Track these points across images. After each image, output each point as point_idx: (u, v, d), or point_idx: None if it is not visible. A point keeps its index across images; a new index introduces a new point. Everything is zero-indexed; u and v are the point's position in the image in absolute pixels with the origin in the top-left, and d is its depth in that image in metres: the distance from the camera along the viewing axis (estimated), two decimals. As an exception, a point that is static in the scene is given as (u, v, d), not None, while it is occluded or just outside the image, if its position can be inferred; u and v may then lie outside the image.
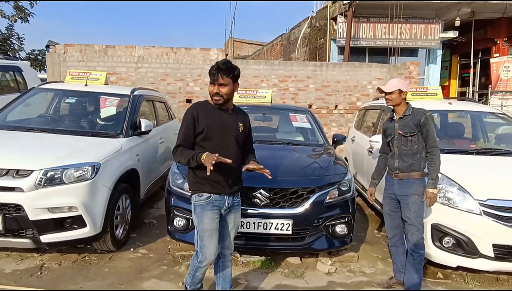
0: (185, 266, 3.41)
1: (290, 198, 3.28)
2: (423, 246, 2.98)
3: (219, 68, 2.39)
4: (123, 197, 3.79)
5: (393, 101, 3.05)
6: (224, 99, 2.44)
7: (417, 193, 2.95)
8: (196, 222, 2.47)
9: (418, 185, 2.97)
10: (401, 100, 3.04)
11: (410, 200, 2.97)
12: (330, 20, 12.76)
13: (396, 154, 3.06)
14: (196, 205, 2.47)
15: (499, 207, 3.03)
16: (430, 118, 2.98)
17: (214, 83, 2.42)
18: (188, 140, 2.44)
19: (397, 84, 3.01)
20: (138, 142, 4.25)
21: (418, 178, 2.98)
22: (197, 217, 2.47)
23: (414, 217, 2.95)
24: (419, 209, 2.96)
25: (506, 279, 3.42)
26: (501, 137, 4.63)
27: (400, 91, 3.00)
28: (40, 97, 4.77)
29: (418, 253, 2.97)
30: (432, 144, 2.95)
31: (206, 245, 2.45)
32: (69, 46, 8.33)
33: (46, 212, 3.07)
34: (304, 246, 3.33)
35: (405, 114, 3.05)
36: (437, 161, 2.93)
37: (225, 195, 2.50)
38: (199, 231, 2.47)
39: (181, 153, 2.41)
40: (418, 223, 2.95)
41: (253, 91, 5.44)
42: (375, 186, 3.34)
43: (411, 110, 3.05)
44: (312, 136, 4.75)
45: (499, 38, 13.12)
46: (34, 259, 3.44)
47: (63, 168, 3.14)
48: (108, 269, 3.34)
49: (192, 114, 2.44)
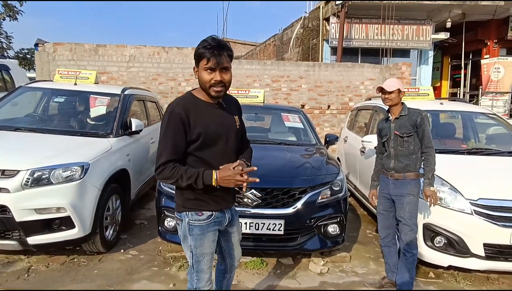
0: (176, 267, 3.37)
1: (282, 198, 3.25)
2: (416, 246, 2.98)
3: (221, 46, 1.79)
4: (113, 197, 3.73)
5: (392, 101, 3.02)
6: (226, 90, 1.91)
7: (412, 193, 2.95)
8: (192, 245, 1.93)
9: (414, 186, 2.97)
10: (399, 100, 3.04)
11: (405, 200, 2.96)
12: (322, 20, 12.77)
13: (392, 155, 3.05)
14: (194, 226, 1.91)
15: (490, 206, 3.05)
16: (426, 118, 2.99)
17: (214, 69, 1.80)
18: (179, 152, 1.83)
19: (396, 84, 3.01)
20: (128, 142, 4.19)
21: (414, 179, 2.98)
22: (194, 240, 1.92)
23: (409, 217, 2.94)
24: (414, 209, 2.96)
25: (497, 278, 3.43)
26: (491, 137, 4.66)
27: (399, 90, 3.00)
28: (28, 96, 4.69)
29: (410, 253, 2.96)
30: (428, 144, 2.96)
31: (205, 270, 1.98)
32: (58, 44, 8.21)
33: (33, 213, 3.01)
34: (296, 246, 3.31)
35: (401, 114, 3.04)
36: (432, 161, 2.94)
37: (227, 209, 2.03)
38: (195, 255, 1.95)
39: (175, 172, 1.80)
40: (412, 223, 2.94)
41: (246, 91, 5.42)
42: (376, 187, 3.29)
43: (407, 110, 3.04)
44: (305, 136, 4.74)
45: (490, 39, 13.25)
46: (21, 261, 3.37)
47: (51, 168, 3.08)
48: (97, 270, 3.29)
49: (181, 117, 1.80)
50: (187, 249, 1.98)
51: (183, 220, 1.95)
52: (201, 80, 1.84)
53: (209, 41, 1.80)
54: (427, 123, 2.99)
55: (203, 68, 1.82)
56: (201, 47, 1.80)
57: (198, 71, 1.85)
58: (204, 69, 1.81)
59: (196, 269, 1.98)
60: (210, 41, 1.80)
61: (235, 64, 8.56)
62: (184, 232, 1.95)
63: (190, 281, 2.03)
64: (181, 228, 1.98)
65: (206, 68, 1.81)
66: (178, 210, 1.97)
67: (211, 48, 1.77)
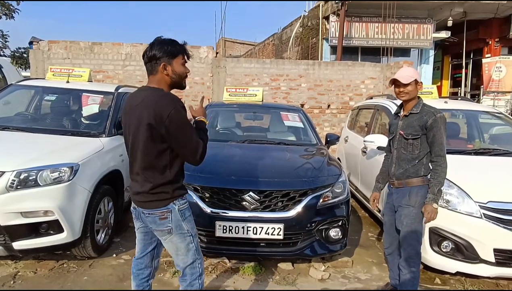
0: (170, 273, 3.22)
1: (281, 201, 3.10)
2: (415, 263, 2.63)
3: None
4: (105, 199, 3.57)
5: (409, 95, 2.58)
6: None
7: (412, 204, 2.58)
8: (189, 228, 2.08)
9: (415, 194, 2.58)
10: (416, 93, 2.61)
11: (403, 211, 2.61)
12: (322, 19, 12.63)
13: (394, 157, 2.72)
14: (184, 209, 2.08)
15: (501, 210, 2.90)
16: (441, 120, 2.52)
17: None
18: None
19: (413, 73, 2.57)
20: (122, 142, 4.01)
21: (415, 186, 2.59)
22: (189, 222, 2.09)
23: (407, 231, 2.59)
24: (413, 222, 2.58)
25: (507, 285, 3.28)
26: (497, 137, 4.52)
27: (416, 82, 2.58)
28: (19, 94, 4.53)
29: (408, 270, 2.61)
30: (438, 152, 2.52)
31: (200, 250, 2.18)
32: (53, 42, 8.05)
33: (19, 217, 2.86)
34: (296, 251, 3.16)
35: (412, 112, 2.61)
36: (442, 173, 2.51)
37: None
38: (195, 236, 2.12)
39: (206, 144, 2.06)
40: (412, 238, 2.59)
41: (244, 90, 5.28)
42: (380, 190, 2.95)
43: (420, 108, 2.60)
44: (305, 136, 4.59)
45: (491, 38, 13.11)
46: (7, 267, 3.21)
47: (38, 169, 2.92)
48: (87, 277, 3.13)
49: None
50: (184, 237, 2.07)
51: (172, 210, 2.03)
52: (182, 73, 2.06)
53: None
54: (442, 127, 2.52)
55: (182, 62, 2.06)
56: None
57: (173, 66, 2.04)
58: (182, 63, 2.06)
59: (200, 250, 2.15)
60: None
61: (234, 63, 8.42)
62: (177, 221, 2.04)
63: (192, 274, 2.13)
64: (171, 220, 2.03)
65: (182, 63, 2.06)
66: (166, 204, 2.03)
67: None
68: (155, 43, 2.01)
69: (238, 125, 4.98)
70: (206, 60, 8.37)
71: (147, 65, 2.04)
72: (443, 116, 2.54)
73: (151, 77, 2.05)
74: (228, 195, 3.08)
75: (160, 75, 2.02)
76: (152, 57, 1.99)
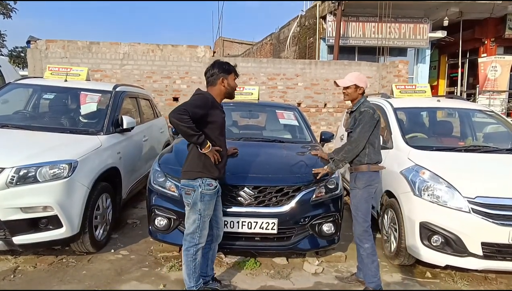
0: (167, 267, 3.29)
1: (275, 196, 3.17)
2: (366, 240, 2.92)
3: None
4: (103, 196, 3.64)
5: (348, 96, 3.05)
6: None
7: (358, 186, 2.95)
8: (202, 209, 2.57)
9: (360, 179, 2.95)
10: (357, 96, 3.02)
11: (352, 193, 3.01)
12: (319, 19, 12.71)
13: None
14: (206, 194, 2.56)
15: (488, 205, 2.97)
16: (367, 114, 2.88)
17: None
18: (194, 120, 2.48)
19: (354, 79, 2.99)
20: (120, 139, 4.10)
21: (362, 171, 2.95)
22: (204, 205, 2.57)
23: (354, 210, 2.97)
24: (359, 202, 2.95)
25: (494, 278, 3.37)
26: (489, 135, 4.60)
27: (356, 86, 2.98)
28: (17, 93, 4.58)
29: (361, 247, 2.95)
30: (354, 136, 2.89)
31: (206, 227, 2.64)
32: (51, 42, 8.10)
33: (18, 212, 2.92)
34: (290, 246, 3.23)
35: (352, 110, 3.05)
36: (349, 152, 2.92)
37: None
38: (203, 216, 2.59)
39: (190, 122, 2.43)
40: (358, 216, 2.94)
41: (240, 88, 5.32)
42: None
43: (357, 106, 3.00)
44: (300, 133, 4.66)
45: (487, 38, 13.20)
46: (7, 262, 3.28)
47: (37, 166, 2.98)
48: (86, 271, 3.20)
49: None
50: (194, 213, 2.58)
51: (196, 190, 2.56)
52: (233, 85, 2.74)
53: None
54: (366, 119, 2.87)
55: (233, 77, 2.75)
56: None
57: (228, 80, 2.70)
58: (233, 79, 2.76)
59: (201, 227, 2.60)
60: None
61: (230, 62, 8.46)
62: (195, 200, 2.56)
63: (190, 241, 2.60)
64: (191, 197, 2.57)
65: (234, 79, 2.77)
66: (192, 176, 2.57)
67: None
68: (216, 63, 2.69)
69: (234, 123, 5.04)
70: (204, 59, 8.44)
71: (208, 79, 2.68)
72: (369, 111, 2.89)
73: (210, 87, 2.69)
74: (223, 190, 3.15)
75: (218, 86, 2.66)
76: (214, 73, 2.64)
